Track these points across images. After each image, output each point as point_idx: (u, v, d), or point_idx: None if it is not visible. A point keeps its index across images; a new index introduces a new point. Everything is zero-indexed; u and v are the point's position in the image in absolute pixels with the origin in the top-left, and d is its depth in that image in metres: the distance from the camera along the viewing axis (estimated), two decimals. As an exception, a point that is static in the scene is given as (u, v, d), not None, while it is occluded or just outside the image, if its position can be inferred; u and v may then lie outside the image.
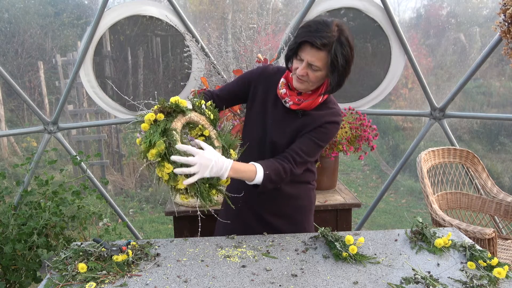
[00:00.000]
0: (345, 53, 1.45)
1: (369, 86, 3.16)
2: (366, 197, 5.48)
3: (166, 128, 1.34)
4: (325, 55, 1.43)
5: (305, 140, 1.56)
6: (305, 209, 1.76)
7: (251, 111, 1.69)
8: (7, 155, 5.30)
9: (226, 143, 1.50)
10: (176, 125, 1.36)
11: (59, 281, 1.28)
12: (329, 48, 1.42)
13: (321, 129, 1.56)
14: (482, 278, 1.28)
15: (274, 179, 1.48)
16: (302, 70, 1.47)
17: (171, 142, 1.32)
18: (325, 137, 1.57)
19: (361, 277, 1.31)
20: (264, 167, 1.47)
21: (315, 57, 1.43)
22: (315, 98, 1.56)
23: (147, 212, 5.13)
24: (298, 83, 1.52)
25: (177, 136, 1.34)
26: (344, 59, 1.45)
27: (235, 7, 3.60)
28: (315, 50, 1.42)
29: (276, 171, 1.49)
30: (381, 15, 2.96)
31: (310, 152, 1.56)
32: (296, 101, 1.57)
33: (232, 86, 1.71)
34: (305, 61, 1.45)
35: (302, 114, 1.59)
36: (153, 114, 1.35)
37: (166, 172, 1.30)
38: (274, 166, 1.49)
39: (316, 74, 1.48)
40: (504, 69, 4.45)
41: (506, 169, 4.96)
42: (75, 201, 2.46)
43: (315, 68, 1.46)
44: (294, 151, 1.54)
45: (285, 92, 1.58)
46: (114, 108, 3.15)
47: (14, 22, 3.61)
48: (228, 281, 1.29)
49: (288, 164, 1.52)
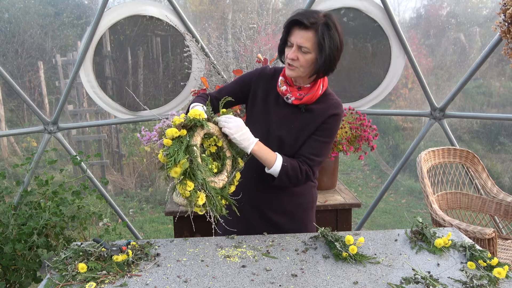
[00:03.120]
0: (333, 35, 1.49)
1: (369, 86, 3.16)
2: (366, 197, 5.48)
3: (188, 144, 1.34)
4: (312, 35, 1.48)
5: (312, 143, 1.61)
6: (307, 207, 1.77)
7: (253, 111, 1.70)
8: (7, 155, 5.30)
9: (235, 153, 1.54)
10: (196, 140, 1.38)
11: (59, 281, 1.28)
12: (316, 28, 1.48)
13: (324, 125, 1.60)
14: (482, 278, 1.28)
15: (291, 174, 1.55)
16: (292, 53, 1.51)
17: (192, 159, 1.34)
18: (330, 132, 1.62)
19: (361, 277, 1.31)
20: (284, 158, 1.55)
21: (303, 38, 1.49)
22: (315, 91, 1.60)
23: (147, 212, 5.13)
24: (289, 70, 1.56)
25: (198, 152, 1.36)
26: (331, 41, 1.49)
27: (235, 7, 3.60)
28: (303, 30, 1.48)
29: (293, 166, 1.55)
30: (381, 15, 2.96)
31: (320, 152, 1.62)
32: (297, 96, 1.60)
33: (232, 87, 1.73)
34: (295, 44, 1.50)
35: (305, 109, 1.62)
36: (176, 130, 1.33)
37: (188, 189, 1.32)
38: (293, 162, 1.57)
39: (306, 58, 1.51)
40: (504, 69, 4.45)
41: (506, 169, 4.96)
42: (75, 201, 2.46)
43: (305, 49, 1.50)
44: (306, 157, 1.60)
45: (286, 89, 1.61)
46: (114, 108, 3.15)
47: (14, 22, 3.61)
48: (228, 281, 1.29)
49: (305, 166, 1.58)
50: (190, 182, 1.32)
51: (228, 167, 1.50)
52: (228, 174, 1.49)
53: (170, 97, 3.19)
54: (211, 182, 1.39)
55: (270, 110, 1.66)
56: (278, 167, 1.53)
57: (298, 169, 1.56)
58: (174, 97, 3.19)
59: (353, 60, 3.14)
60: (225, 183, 1.46)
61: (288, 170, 1.54)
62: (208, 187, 1.36)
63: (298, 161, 1.58)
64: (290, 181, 1.57)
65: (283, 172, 1.53)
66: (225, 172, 1.48)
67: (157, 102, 3.22)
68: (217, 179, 1.43)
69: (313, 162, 1.60)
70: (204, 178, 1.35)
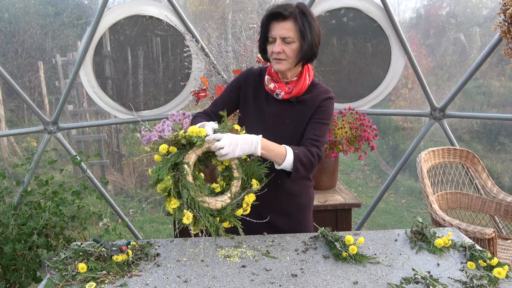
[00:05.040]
0: (310, 21, 1.53)
1: (369, 86, 3.16)
2: (366, 197, 5.48)
3: (177, 162, 1.32)
4: (292, 24, 1.52)
5: (313, 125, 1.61)
6: (304, 207, 1.77)
7: (246, 112, 1.71)
8: (7, 155, 5.30)
9: (248, 173, 1.45)
10: (190, 158, 1.34)
11: (59, 281, 1.28)
12: (295, 16, 1.51)
13: (320, 109, 1.62)
14: (482, 278, 1.28)
15: (304, 161, 1.52)
16: (277, 46, 1.53)
17: (180, 177, 1.31)
18: (326, 114, 1.63)
19: (361, 277, 1.31)
20: (293, 148, 1.51)
21: (284, 29, 1.52)
22: (302, 81, 1.62)
23: (147, 212, 5.13)
24: (277, 64, 1.57)
25: (188, 170, 1.32)
26: (310, 26, 1.53)
27: (235, 7, 3.60)
28: (283, 22, 1.52)
29: (304, 153, 1.53)
30: (381, 15, 2.96)
31: (322, 133, 1.62)
32: (286, 90, 1.62)
33: (225, 97, 1.74)
34: (278, 37, 1.53)
35: (296, 101, 1.64)
36: (166, 146, 1.32)
37: (171, 207, 1.30)
38: (302, 149, 1.54)
39: (292, 47, 1.54)
40: (504, 69, 4.44)
41: (506, 169, 4.96)
42: (75, 201, 2.46)
43: (289, 40, 1.52)
44: (311, 138, 1.59)
45: (274, 86, 1.63)
46: (114, 108, 3.15)
47: (14, 22, 3.61)
48: (228, 281, 1.29)
49: (314, 148, 1.57)
50: (175, 200, 1.30)
51: (234, 188, 1.42)
52: (233, 195, 1.41)
53: (170, 97, 3.19)
54: (202, 202, 1.33)
55: (262, 109, 1.67)
56: (290, 159, 1.48)
57: (308, 153, 1.54)
58: (174, 97, 3.19)
59: (353, 60, 3.14)
60: (228, 205, 1.39)
61: (301, 157, 1.50)
62: (197, 207, 1.31)
63: (304, 146, 1.57)
64: (305, 168, 1.53)
65: (297, 161, 1.49)
66: (228, 193, 1.41)
67: (157, 102, 3.22)
68: (213, 200, 1.36)
69: (319, 142, 1.59)
70: (193, 197, 1.31)
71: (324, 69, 3.03)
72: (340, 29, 3.08)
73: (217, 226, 1.35)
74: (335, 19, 3.04)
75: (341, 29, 3.08)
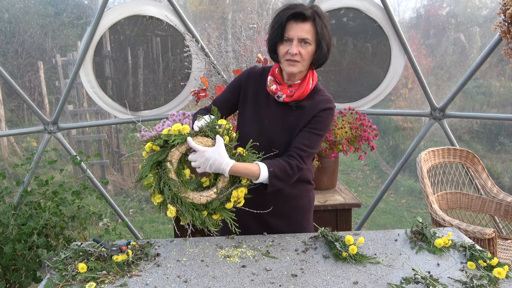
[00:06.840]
0: (326, 24, 1.52)
1: (369, 86, 3.16)
2: (366, 197, 5.48)
3: (159, 160, 1.40)
4: (311, 26, 1.49)
5: (304, 134, 1.58)
6: (304, 209, 1.76)
7: (245, 112, 1.69)
8: (7, 155, 5.30)
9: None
10: (173, 155, 1.41)
11: (59, 281, 1.28)
12: (313, 18, 1.48)
13: (316, 118, 1.58)
14: (482, 278, 1.28)
15: (280, 175, 1.50)
16: (295, 48, 1.49)
17: (162, 174, 1.40)
18: (322, 125, 1.60)
19: (361, 277, 1.31)
20: (268, 165, 1.49)
21: (304, 30, 1.48)
22: (305, 85, 1.59)
23: (147, 212, 5.13)
24: (291, 66, 1.54)
25: (170, 167, 1.40)
26: (326, 30, 1.51)
27: (235, 7, 3.60)
28: (301, 23, 1.48)
29: (281, 167, 1.51)
30: (381, 15, 2.96)
31: (312, 144, 1.58)
32: (288, 93, 1.59)
33: (225, 96, 1.73)
34: (295, 38, 1.49)
35: (296, 106, 1.61)
36: (150, 144, 1.41)
37: (156, 201, 1.41)
38: (279, 163, 1.52)
39: (308, 50, 1.51)
40: (504, 69, 4.44)
41: (506, 169, 4.96)
42: (75, 201, 2.46)
43: (307, 41, 1.50)
44: (298, 147, 1.56)
45: (276, 88, 1.60)
46: (114, 108, 3.15)
47: (14, 22, 3.60)
48: (228, 281, 1.29)
49: (294, 160, 1.54)
50: (159, 195, 1.40)
51: (221, 183, 1.47)
52: (219, 190, 1.46)
53: (170, 97, 3.19)
54: (186, 197, 1.42)
55: (261, 110, 1.65)
56: (265, 175, 1.47)
57: (287, 167, 1.51)
58: (174, 97, 3.19)
59: (353, 60, 3.14)
60: (214, 199, 1.45)
61: (276, 173, 1.49)
62: (179, 202, 1.40)
63: (285, 157, 1.54)
64: (282, 182, 1.53)
65: (272, 177, 1.48)
66: (214, 188, 1.46)
67: (157, 102, 3.22)
68: (197, 195, 1.44)
69: (305, 152, 1.55)
70: (175, 193, 1.39)
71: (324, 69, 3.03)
72: (340, 29, 3.08)
73: (203, 220, 1.44)
74: (335, 19, 3.04)
75: (341, 29, 3.08)
